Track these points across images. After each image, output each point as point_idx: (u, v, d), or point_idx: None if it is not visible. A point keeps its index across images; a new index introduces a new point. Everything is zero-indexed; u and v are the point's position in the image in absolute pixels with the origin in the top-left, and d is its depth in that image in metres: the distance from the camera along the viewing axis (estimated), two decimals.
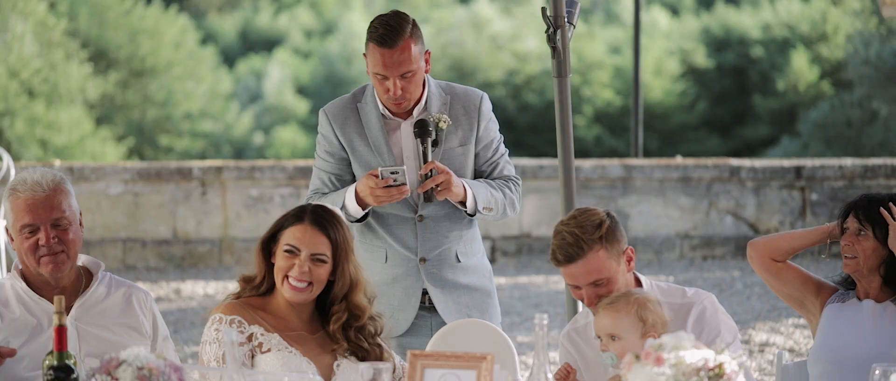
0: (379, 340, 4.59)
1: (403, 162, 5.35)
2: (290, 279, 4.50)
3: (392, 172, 5.18)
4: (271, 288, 4.59)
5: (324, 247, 4.52)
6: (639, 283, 4.78)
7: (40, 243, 4.67)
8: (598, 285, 4.62)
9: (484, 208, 5.33)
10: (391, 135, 5.39)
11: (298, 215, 4.58)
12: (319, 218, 4.55)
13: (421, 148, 5.26)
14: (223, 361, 4.42)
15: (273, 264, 4.57)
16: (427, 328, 5.46)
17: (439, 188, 5.22)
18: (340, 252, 4.54)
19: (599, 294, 4.61)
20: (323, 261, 4.52)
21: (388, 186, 5.19)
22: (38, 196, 4.67)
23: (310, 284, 4.51)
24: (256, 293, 4.60)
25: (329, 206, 4.66)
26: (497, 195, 5.38)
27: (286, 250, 4.52)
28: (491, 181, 5.42)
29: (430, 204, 5.38)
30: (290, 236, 4.54)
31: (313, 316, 4.61)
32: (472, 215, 5.36)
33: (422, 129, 5.27)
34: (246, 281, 4.62)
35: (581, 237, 4.62)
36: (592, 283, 4.61)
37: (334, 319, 4.55)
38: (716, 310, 4.73)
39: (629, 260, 4.71)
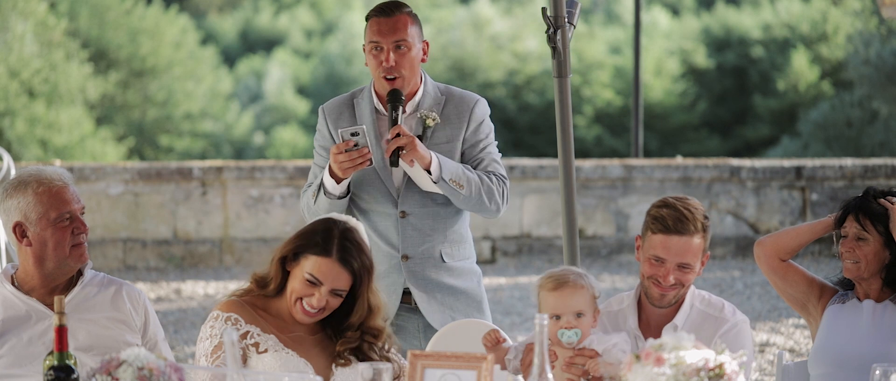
0: (389, 354, 4.57)
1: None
2: (305, 305, 4.49)
3: (352, 134, 5.17)
4: (279, 291, 4.57)
5: (345, 282, 4.48)
6: None
7: (76, 231, 4.67)
8: (683, 269, 4.73)
9: (451, 180, 5.28)
10: (383, 132, 5.41)
11: (325, 246, 4.47)
12: (346, 254, 4.47)
13: (392, 115, 5.28)
14: (210, 356, 4.44)
15: (288, 272, 4.55)
16: (415, 329, 5.46)
17: (404, 151, 5.22)
18: (361, 282, 4.51)
19: (678, 278, 4.72)
20: (341, 295, 4.51)
21: (348, 150, 5.18)
22: (67, 186, 4.68)
23: (322, 310, 4.50)
24: (263, 295, 4.59)
25: (355, 230, 4.56)
26: (471, 176, 5.35)
27: (308, 281, 4.46)
28: (470, 167, 5.42)
29: (411, 203, 5.38)
30: (314, 267, 4.46)
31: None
32: (436, 182, 5.31)
33: (394, 97, 5.31)
34: (258, 284, 4.59)
35: (695, 216, 4.74)
36: (680, 264, 4.72)
37: (343, 341, 4.53)
38: (745, 332, 4.82)
39: (702, 264, 4.82)
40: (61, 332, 3.81)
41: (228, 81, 35.38)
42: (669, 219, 4.73)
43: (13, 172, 10.46)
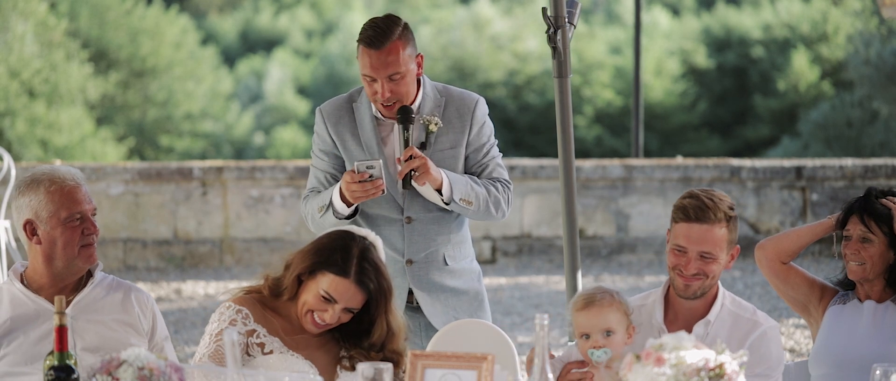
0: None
1: (395, 164, 5.35)
2: (316, 318, 4.49)
3: (368, 167, 5.18)
4: (291, 296, 4.57)
5: (359, 302, 4.50)
6: (717, 287, 4.85)
7: (86, 231, 4.67)
8: (705, 258, 4.72)
9: (461, 199, 5.30)
10: (385, 137, 5.41)
11: (344, 266, 4.47)
12: (364, 276, 4.49)
13: (404, 135, 5.27)
14: (213, 335, 4.46)
15: (301, 281, 4.55)
16: (417, 329, 5.46)
17: (416, 173, 5.21)
18: (377, 303, 4.52)
19: (700, 268, 4.72)
20: (353, 312, 4.52)
21: (362, 182, 5.18)
22: (80, 186, 4.69)
23: (331, 324, 4.52)
24: (274, 297, 4.60)
25: (373, 249, 4.57)
26: (479, 190, 5.36)
27: (324, 297, 4.47)
28: (476, 178, 5.42)
29: (416, 208, 5.39)
30: (330, 286, 4.46)
31: None
32: (447, 204, 5.33)
33: (404, 115, 5.28)
34: (271, 289, 4.58)
35: (718, 206, 4.74)
36: (702, 253, 4.72)
37: (360, 353, 4.53)
38: (777, 338, 4.80)
39: (732, 258, 4.80)
40: (61, 332, 3.81)
41: (228, 81, 35.37)
42: (691, 208, 4.75)
43: (13, 173, 10.45)
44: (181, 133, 31.98)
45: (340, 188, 5.27)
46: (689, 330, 4.78)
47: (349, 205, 5.30)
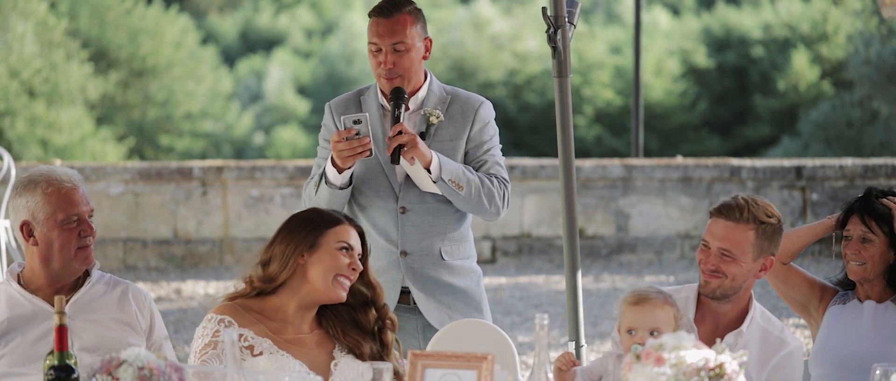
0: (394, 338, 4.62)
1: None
2: (342, 277, 4.54)
3: (354, 121, 5.16)
4: (275, 289, 4.57)
5: (360, 244, 4.62)
6: (750, 297, 4.82)
7: (83, 233, 4.66)
8: (725, 256, 4.70)
9: (450, 180, 5.28)
10: (389, 128, 5.40)
11: (332, 217, 4.61)
12: (345, 217, 4.62)
13: (394, 113, 5.28)
14: (198, 352, 4.45)
15: (298, 265, 4.55)
16: (414, 329, 5.45)
17: (405, 148, 5.22)
18: (364, 244, 4.65)
19: (717, 265, 4.70)
20: (361, 261, 4.61)
21: (349, 139, 5.16)
22: (77, 187, 4.67)
23: (355, 271, 4.59)
24: (260, 293, 4.57)
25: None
26: (472, 178, 5.34)
27: (342, 248, 4.54)
28: (471, 169, 5.42)
29: (411, 198, 5.38)
30: (339, 236, 4.56)
31: (313, 316, 4.60)
32: (435, 182, 5.31)
33: (397, 95, 5.30)
34: (260, 288, 4.56)
35: (749, 208, 4.71)
36: (722, 250, 4.70)
37: (365, 315, 4.59)
38: (800, 359, 4.78)
39: (763, 268, 4.75)
40: (61, 331, 3.81)
41: (228, 81, 35.38)
42: (723, 205, 4.76)
43: (13, 172, 10.45)
44: (181, 133, 31.99)
45: (332, 155, 5.26)
46: (717, 332, 4.75)
47: (340, 171, 5.28)
